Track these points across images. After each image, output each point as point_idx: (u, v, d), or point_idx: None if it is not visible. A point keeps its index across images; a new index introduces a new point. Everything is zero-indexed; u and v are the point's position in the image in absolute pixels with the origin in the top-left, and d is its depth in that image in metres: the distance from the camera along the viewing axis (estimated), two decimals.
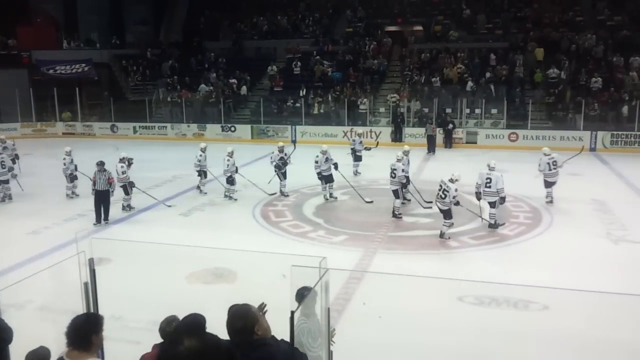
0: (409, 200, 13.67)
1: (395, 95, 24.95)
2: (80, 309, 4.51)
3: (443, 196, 10.77)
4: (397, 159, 12.68)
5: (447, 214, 10.88)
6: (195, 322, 3.46)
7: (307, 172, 15.08)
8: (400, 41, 28.98)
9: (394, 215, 12.58)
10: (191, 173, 15.17)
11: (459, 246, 10.71)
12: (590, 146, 21.44)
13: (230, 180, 14.20)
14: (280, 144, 15.22)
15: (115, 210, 12.79)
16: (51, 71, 28.82)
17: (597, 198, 13.75)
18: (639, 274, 9.00)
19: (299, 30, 31.34)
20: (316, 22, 31.54)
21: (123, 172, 12.99)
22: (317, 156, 14.17)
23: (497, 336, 6.92)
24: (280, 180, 14.63)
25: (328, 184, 14.26)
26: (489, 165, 11.76)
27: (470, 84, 24.39)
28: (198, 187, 14.85)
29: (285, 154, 14.77)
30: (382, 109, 25.34)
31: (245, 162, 17.79)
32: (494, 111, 23.79)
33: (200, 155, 14.69)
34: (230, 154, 14.22)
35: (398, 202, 12.65)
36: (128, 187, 13.19)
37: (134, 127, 27.06)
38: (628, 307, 7.50)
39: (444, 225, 10.99)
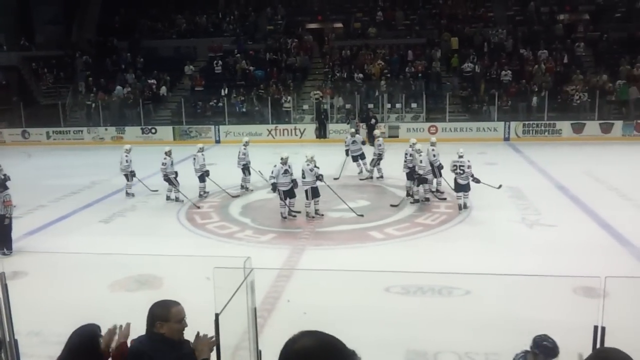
0: (434, 195, 13.54)
1: (318, 92, 25.10)
2: None
3: (461, 172, 12.08)
4: (410, 145, 13.49)
5: (467, 188, 12.25)
6: (86, 333, 3.36)
7: (230, 172, 14.90)
8: (321, 38, 29.18)
9: (408, 195, 13.29)
10: (109, 178, 14.62)
11: (385, 238, 10.94)
12: (504, 136, 22.50)
13: (203, 178, 14.09)
14: (285, 154, 12.39)
15: (33, 217, 12.14)
16: None
17: (512, 185, 14.36)
18: (552, 255, 9.50)
19: (220, 28, 30.89)
20: (236, 20, 31.20)
21: (126, 161, 14.14)
22: (308, 165, 12.03)
23: (423, 323, 7.12)
24: (281, 200, 12.33)
25: (314, 199, 12.16)
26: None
27: (382, 82, 24.89)
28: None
29: (289, 167, 12.22)
30: (305, 106, 25.43)
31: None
32: (413, 105, 24.44)
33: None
34: (201, 149, 14.31)
35: (409, 182, 13.33)
36: (129, 175, 14.24)
37: (47, 133, 25.69)
38: (544, 288, 7.92)
39: (461, 197, 12.29)
